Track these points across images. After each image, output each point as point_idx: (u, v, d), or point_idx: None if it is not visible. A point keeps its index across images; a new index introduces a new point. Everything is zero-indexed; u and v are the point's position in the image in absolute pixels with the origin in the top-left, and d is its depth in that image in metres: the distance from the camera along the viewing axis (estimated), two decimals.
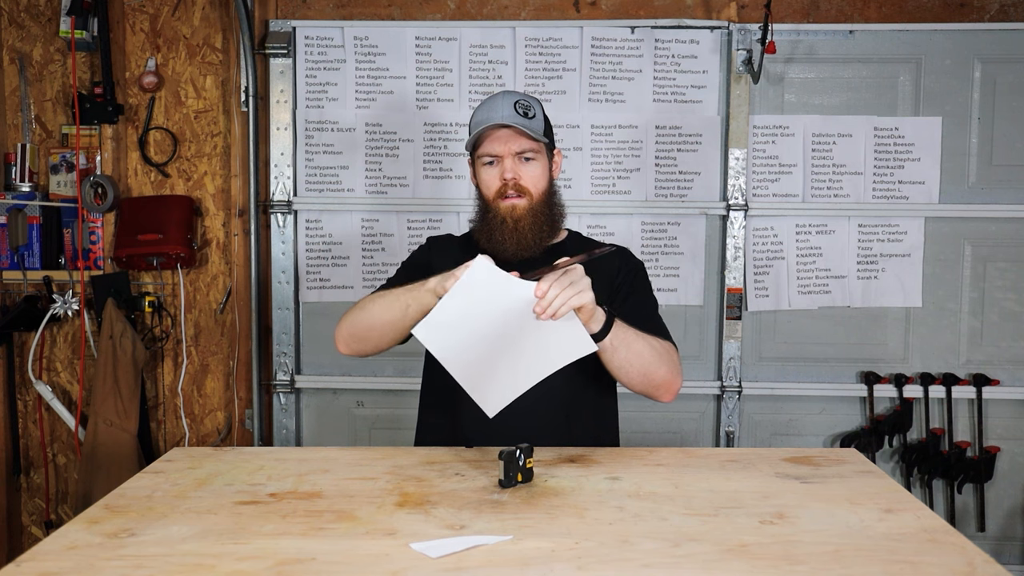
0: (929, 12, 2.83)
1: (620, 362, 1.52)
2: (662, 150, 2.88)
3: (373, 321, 1.62)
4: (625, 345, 1.51)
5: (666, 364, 1.58)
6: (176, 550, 1.10)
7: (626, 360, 1.52)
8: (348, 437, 2.95)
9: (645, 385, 1.58)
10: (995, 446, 2.86)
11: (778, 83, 2.87)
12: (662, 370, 1.57)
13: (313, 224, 2.91)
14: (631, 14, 2.86)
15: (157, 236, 2.78)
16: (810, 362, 2.92)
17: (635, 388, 1.59)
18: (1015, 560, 2.91)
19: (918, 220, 2.87)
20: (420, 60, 2.87)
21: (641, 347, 1.54)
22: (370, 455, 1.55)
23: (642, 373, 1.55)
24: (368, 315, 1.63)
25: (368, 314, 1.63)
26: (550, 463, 1.47)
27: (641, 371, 1.55)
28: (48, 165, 2.91)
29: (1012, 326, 2.88)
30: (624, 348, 1.51)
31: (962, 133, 2.85)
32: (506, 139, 1.66)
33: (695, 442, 2.93)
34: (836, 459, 1.52)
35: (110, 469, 2.71)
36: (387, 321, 1.60)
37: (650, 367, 1.55)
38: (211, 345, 2.96)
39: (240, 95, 2.85)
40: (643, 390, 1.59)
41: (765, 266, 2.88)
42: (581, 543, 1.12)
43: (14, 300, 2.86)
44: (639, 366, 1.54)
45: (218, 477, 1.40)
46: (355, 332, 1.66)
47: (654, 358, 1.55)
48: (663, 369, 1.57)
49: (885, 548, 1.11)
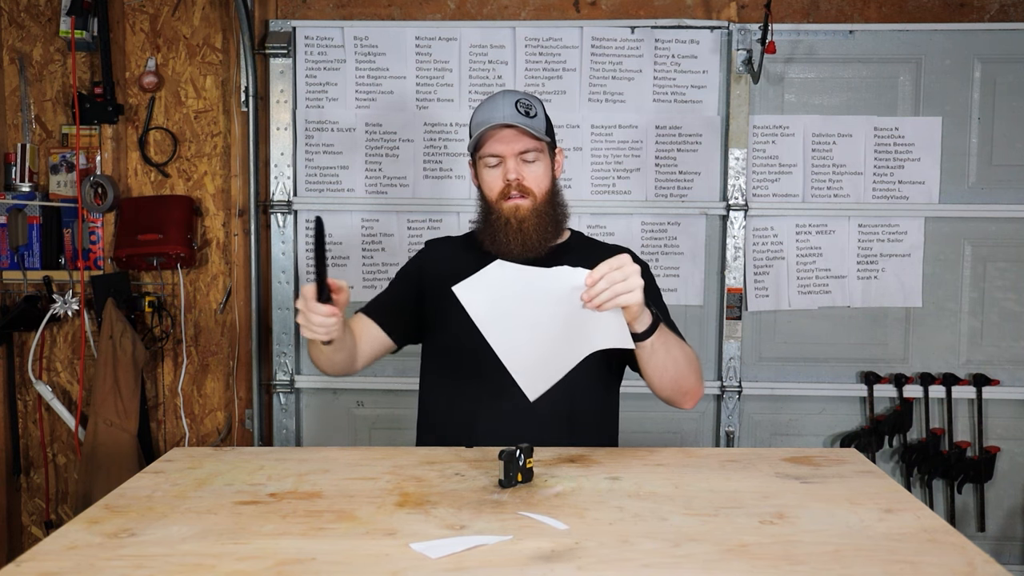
0: (929, 12, 2.83)
1: (657, 364, 1.52)
2: (662, 150, 2.88)
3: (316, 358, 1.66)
4: (665, 349, 1.51)
5: (695, 372, 1.59)
6: (176, 550, 1.10)
7: (663, 364, 1.52)
8: (348, 437, 2.95)
9: (674, 390, 1.58)
10: (995, 446, 2.87)
11: (778, 83, 2.87)
12: (692, 378, 1.58)
13: (313, 224, 2.91)
14: (631, 14, 2.86)
15: (157, 236, 2.78)
16: (810, 362, 2.92)
17: (663, 393, 1.59)
18: (1015, 560, 2.91)
19: (918, 220, 2.87)
20: (420, 60, 2.87)
21: (678, 353, 1.54)
22: (370, 455, 1.55)
23: (674, 379, 1.55)
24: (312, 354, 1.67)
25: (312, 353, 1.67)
26: (550, 463, 1.47)
27: (674, 377, 1.55)
28: (48, 165, 2.91)
29: (1012, 326, 2.88)
30: (664, 352, 1.51)
31: (962, 133, 2.85)
32: (508, 139, 1.65)
33: (695, 442, 2.93)
34: (836, 459, 1.51)
35: (110, 469, 2.71)
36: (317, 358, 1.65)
37: (683, 374, 1.56)
38: (211, 345, 2.96)
39: (240, 95, 2.85)
40: (670, 395, 1.59)
41: (765, 266, 2.88)
42: (581, 543, 1.12)
43: (14, 300, 2.86)
44: (673, 371, 1.54)
45: (218, 477, 1.40)
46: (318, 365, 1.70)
47: (687, 365, 1.56)
48: (693, 377, 1.58)
49: (885, 548, 1.11)
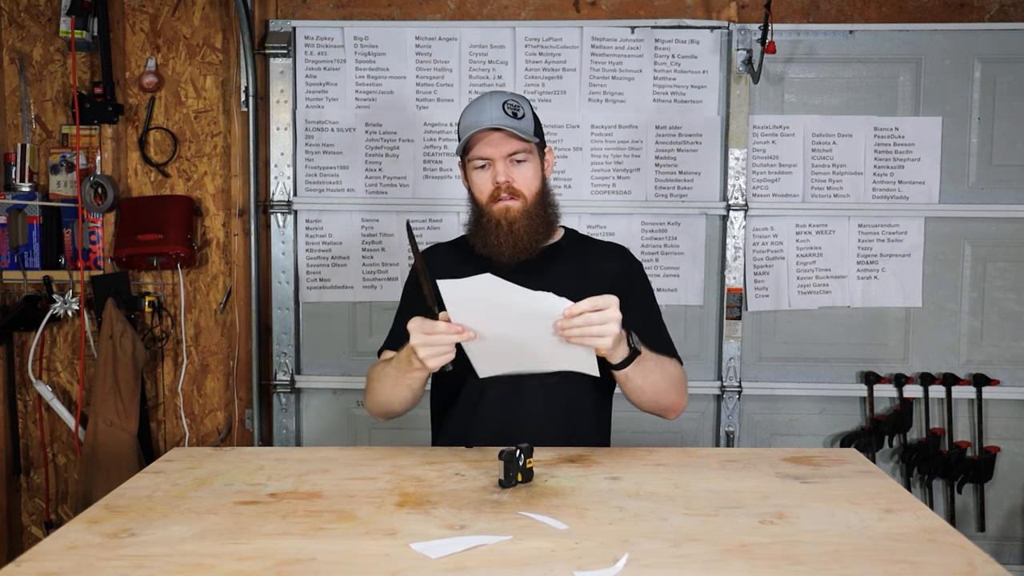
0: (929, 12, 2.83)
1: (634, 388, 1.55)
2: (662, 150, 2.88)
3: (392, 404, 1.64)
4: (642, 376, 1.53)
5: (676, 390, 1.62)
6: (176, 550, 1.10)
7: (640, 388, 1.55)
8: (348, 437, 2.95)
9: (653, 407, 1.62)
10: (995, 446, 2.86)
11: (778, 83, 2.86)
12: (672, 395, 1.61)
13: (313, 224, 2.91)
14: (631, 14, 2.86)
15: (157, 236, 2.78)
16: (810, 362, 2.92)
17: (642, 408, 1.63)
18: (1015, 560, 2.91)
19: (918, 220, 2.87)
20: (420, 60, 2.87)
21: (657, 378, 1.56)
22: (370, 455, 1.55)
23: (653, 399, 1.59)
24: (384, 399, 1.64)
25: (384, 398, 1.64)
26: (550, 463, 1.47)
27: (653, 397, 1.58)
28: (48, 165, 2.90)
29: (1012, 326, 2.88)
30: (641, 379, 1.53)
31: (962, 133, 2.85)
32: (496, 142, 1.64)
33: (695, 442, 2.93)
34: (836, 459, 1.52)
35: (110, 469, 2.71)
36: (403, 399, 1.62)
37: (661, 394, 1.59)
38: (211, 345, 2.96)
39: (240, 95, 2.85)
40: (650, 410, 1.64)
41: (765, 266, 2.88)
42: (581, 543, 1.12)
43: (14, 300, 2.86)
44: (652, 394, 1.57)
45: (218, 477, 1.40)
46: (384, 412, 1.68)
47: (667, 386, 1.59)
48: (674, 395, 1.62)
49: (885, 548, 1.11)
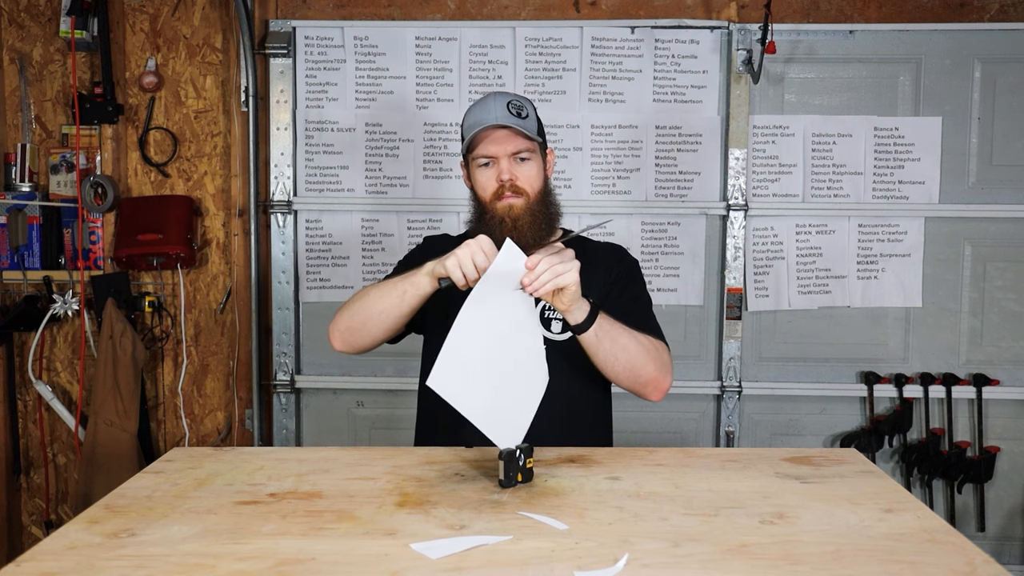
0: (929, 12, 2.83)
1: (605, 355, 1.53)
2: (662, 150, 2.88)
3: (369, 310, 1.59)
4: (610, 338, 1.52)
5: (654, 361, 1.58)
6: (176, 550, 1.10)
7: (611, 353, 1.53)
8: (348, 437, 2.95)
9: (632, 381, 1.59)
10: (995, 446, 2.87)
11: (778, 83, 2.87)
12: (650, 367, 1.57)
13: (313, 224, 2.91)
14: (631, 14, 2.86)
15: (157, 236, 2.78)
16: (810, 362, 2.92)
17: (622, 384, 1.60)
18: (1015, 560, 2.91)
19: (918, 220, 2.87)
20: (420, 60, 2.88)
21: (627, 341, 1.54)
22: (370, 455, 1.54)
23: (628, 368, 1.56)
24: (364, 304, 1.60)
25: (364, 303, 1.60)
26: (550, 463, 1.47)
27: (627, 366, 1.55)
28: (48, 165, 2.91)
29: (1012, 326, 2.88)
30: (609, 341, 1.52)
31: (962, 133, 2.85)
32: (501, 140, 1.66)
33: (695, 442, 2.93)
34: (836, 459, 1.51)
35: (110, 469, 2.71)
36: (383, 309, 1.57)
37: (636, 363, 1.56)
38: (211, 345, 2.96)
39: (240, 95, 2.85)
40: (630, 387, 1.60)
41: (765, 266, 2.88)
42: (581, 543, 1.12)
43: (14, 300, 2.86)
44: (624, 360, 1.55)
45: (218, 477, 1.40)
46: (351, 324, 1.62)
47: (641, 353, 1.56)
48: (651, 366, 1.57)
49: (885, 548, 1.11)
